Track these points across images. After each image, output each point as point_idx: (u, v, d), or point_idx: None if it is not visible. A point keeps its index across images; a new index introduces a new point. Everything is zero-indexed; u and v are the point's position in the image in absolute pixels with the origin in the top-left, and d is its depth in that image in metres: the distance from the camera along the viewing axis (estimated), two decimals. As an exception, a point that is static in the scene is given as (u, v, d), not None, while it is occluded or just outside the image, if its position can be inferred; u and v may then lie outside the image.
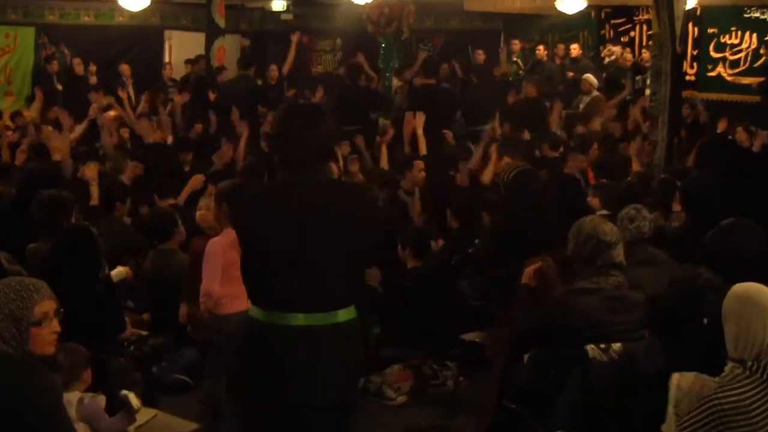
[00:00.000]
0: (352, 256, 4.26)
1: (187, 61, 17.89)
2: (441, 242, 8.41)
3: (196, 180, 9.65)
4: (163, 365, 7.45)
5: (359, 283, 4.48)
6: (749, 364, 3.97)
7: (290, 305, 4.18)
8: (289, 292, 4.18)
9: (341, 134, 6.49)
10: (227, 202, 6.31)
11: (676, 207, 7.96)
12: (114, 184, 8.96)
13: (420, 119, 10.94)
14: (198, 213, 7.15)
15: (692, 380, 4.25)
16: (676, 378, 4.27)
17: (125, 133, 12.90)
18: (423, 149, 10.65)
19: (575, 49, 18.26)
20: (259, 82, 15.38)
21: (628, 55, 18.06)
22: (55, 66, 16.80)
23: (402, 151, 11.26)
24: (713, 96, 17.11)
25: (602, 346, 4.81)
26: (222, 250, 6.31)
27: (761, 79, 15.76)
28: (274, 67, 16.37)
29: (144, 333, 7.34)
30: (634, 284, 5.14)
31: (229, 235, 6.26)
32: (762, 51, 16.13)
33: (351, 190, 4.68)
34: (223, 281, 6.28)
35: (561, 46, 18.84)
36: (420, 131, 10.88)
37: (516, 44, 19.46)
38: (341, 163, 4.33)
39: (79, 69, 16.20)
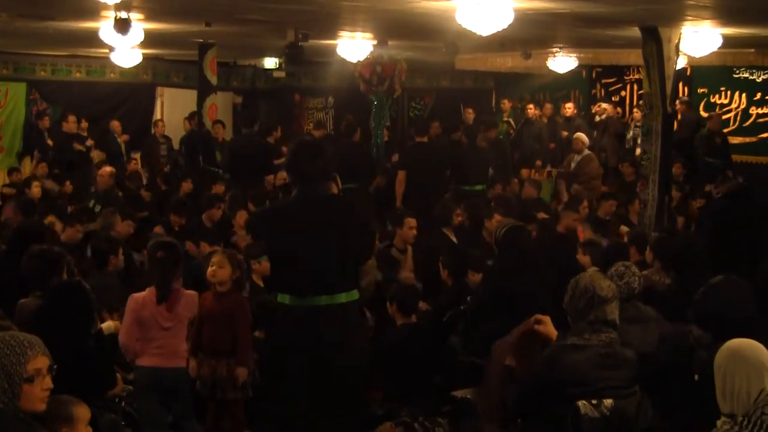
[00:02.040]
0: (345, 252, 5.73)
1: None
2: (423, 306, 8.34)
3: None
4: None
5: (353, 272, 5.93)
6: (740, 419, 3.96)
7: (304, 291, 5.68)
8: (303, 281, 5.70)
9: (336, 162, 7.80)
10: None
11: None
12: (101, 239, 8.91)
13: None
14: (210, 269, 7.14)
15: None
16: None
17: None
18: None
19: (569, 108, 18.37)
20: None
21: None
22: (46, 122, 16.84)
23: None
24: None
25: (593, 402, 4.80)
26: (136, 307, 6.63)
27: (751, 139, 15.92)
28: (280, 128, 16.98)
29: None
30: (624, 341, 5.14)
31: (151, 291, 6.63)
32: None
33: (341, 203, 6.20)
34: (139, 335, 6.62)
35: (548, 106, 18.95)
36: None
37: (507, 103, 19.57)
38: (339, 183, 6.13)
39: (72, 126, 16.06)
